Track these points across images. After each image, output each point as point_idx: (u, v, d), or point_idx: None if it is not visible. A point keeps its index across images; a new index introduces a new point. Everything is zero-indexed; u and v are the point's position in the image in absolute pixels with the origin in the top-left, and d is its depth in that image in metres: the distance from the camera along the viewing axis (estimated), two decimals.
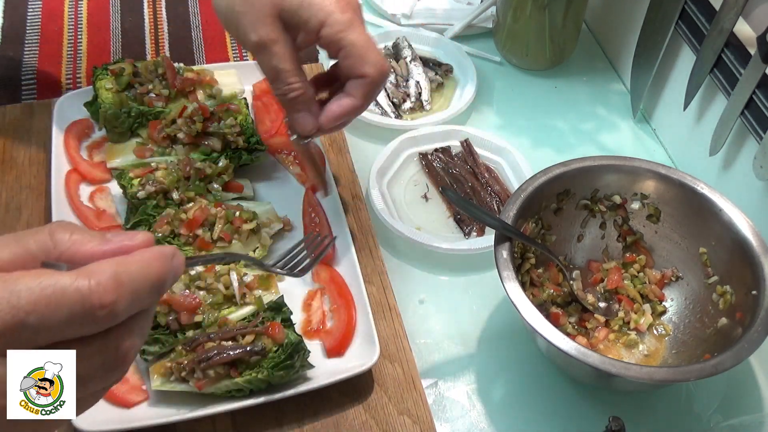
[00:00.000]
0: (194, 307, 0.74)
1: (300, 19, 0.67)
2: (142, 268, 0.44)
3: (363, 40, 0.68)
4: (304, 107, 0.72)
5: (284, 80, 0.70)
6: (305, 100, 0.72)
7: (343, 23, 0.67)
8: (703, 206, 0.78)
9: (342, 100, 0.72)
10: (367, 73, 0.69)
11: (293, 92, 0.71)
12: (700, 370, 0.65)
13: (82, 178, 0.90)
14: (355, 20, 0.68)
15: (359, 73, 0.69)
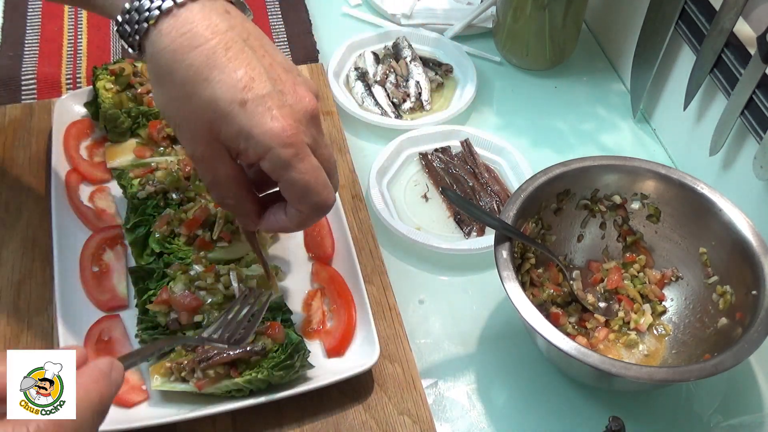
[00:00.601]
0: (194, 307, 0.74)
1: (238, 147, 0.61)
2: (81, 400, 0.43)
3: (303, 179, 0.61)
4: (241, 216, 0.70)
5: (218, 196, 0.67)
6: (241, 213, 0.69)
7: (282, 161, 0.60)
8: (703, 206, 0.78)
9: (279, 216, 0.67)
10: (302, 210, 0.65)
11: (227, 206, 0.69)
12: (700, 370, 0.65)
13: (82, 178, 0.89)
14: (299, 153, 0.61)
15: (295, 207, 0.65)
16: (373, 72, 1.09)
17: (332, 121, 0.99)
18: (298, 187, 0.62)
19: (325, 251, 0.84)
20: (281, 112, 0.60)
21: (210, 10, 0.60)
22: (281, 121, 0.60)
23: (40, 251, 0.83)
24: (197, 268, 0.77)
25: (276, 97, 0.60)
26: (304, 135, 0.61)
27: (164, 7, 0.59)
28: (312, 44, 1.13)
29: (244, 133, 0.59)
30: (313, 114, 0.63)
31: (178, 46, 0.58)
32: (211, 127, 0.60)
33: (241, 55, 0.60)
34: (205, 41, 0.59)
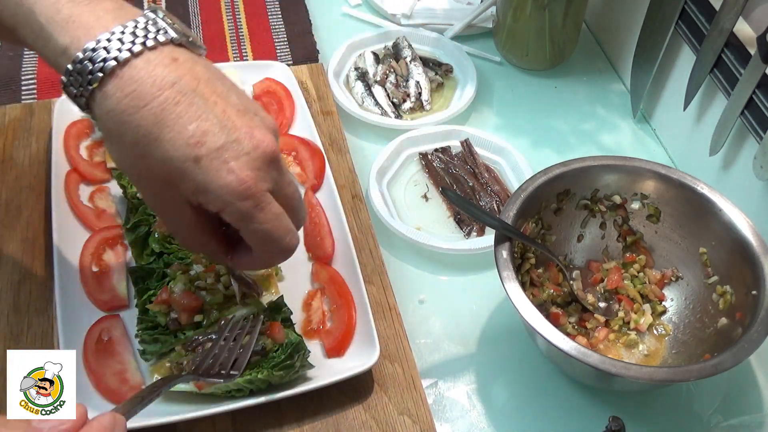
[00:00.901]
0: (194, 307, 0.74)
1: (196, 200, 0.59)
2: None
3: (263, 230, 0.60)
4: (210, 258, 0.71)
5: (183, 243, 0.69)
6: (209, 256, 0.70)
7: (242, 214, 0.59)
8: (703, 206, 0.78)
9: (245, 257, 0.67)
10: (262, 257, 0.65)
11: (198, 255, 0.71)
12: (700, 370, 0.65)
13: (82, 178, 0.89)
14: (259, 203, 0.59)
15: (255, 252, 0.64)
16: (373, 72, 1.09)
17: (332, 121, 0.99)
18: (259, 236, 0.61)
19: (325, 251, 0.84)
20: (237, 163, 0.58)
21: (155, 63, 0.56)
22: (237, 173, 0.58)
23: (40, 251, 0.83)
24: (197, 268, 0.77)
25: (231, 147, 0.58)
26: (264, 182, 0.59)
27: (107, 69, 0.55)
28: (312, 44, 1.14)
29: (201, 189, 0.58)
30: (272, 157, 0.60)
31: (124, 107, 0.55)
32: (169, 183, 0.58)
33: (191, 109, 0.57)
34: (152, 99, 0.55)
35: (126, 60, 0.55)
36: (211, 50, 1.12)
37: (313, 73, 1.05)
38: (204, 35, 1.14)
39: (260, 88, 1.01)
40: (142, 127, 0.56)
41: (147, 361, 0.74)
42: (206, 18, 1.17)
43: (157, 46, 0.57)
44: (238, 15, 1.18)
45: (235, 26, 1.16)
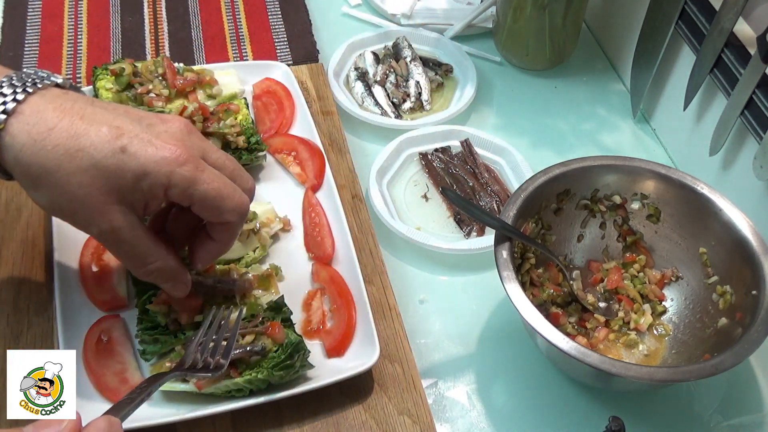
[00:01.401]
0: (194, 307, 0.74)
1: (142, 192, 0.61)
2: None
3: (213, 188, 0.63)
4: (171, 279, 0.69)
5: (140, 264, 0.66)
6: (169, 275, 0.68)
7: (186, 179, 0.61)
8: (703, 206, 0.78)
9: (210, 246, 0.69)
10: (227, 220, 0.66)
11: (153, 273, 0.67)
12: (700, 370, 0.65)
13: None
14: (200, 167, 0.62)
15: (219, 221, 0.66)
16: (373, 72, 1.09)
17: (332, 121, 0.99)
18: (211, 196, 0.63)
19: (325, 251, 0.84)
20: (160, 140, 0.61)
21: (50, 96, 0.60)
22: (166, 145, 0.61)
23: (40, 251, 0.83)
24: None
25: (147, 130, 0.62)
26: (192, 148, 0.63)
27: (8, 109, 0.58)
28: (312, 44, 1.14)
29: (139, 174, 0.60)
30: (188, 128, 0.64)
31: (36, 135, 0.58)
32: (107, 192, 0.60)
33: (97, 116, 0.60)
34: (59, 120, 0.59)
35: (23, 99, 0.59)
36: (211, 50, 1.12)
37: (313, 73, 1.05)
38: (204, 35, 1.14)
39: (260, 88, 1.01)
40: (60, 146, 0.58)
41: (147, 361, 0.74)
42: (206, 18, 1.17)
43: (46, 87, 0.61)
44: (238, 15, 1.18)
45: (235, 26, 1.16)
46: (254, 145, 0.91)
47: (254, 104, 1.00)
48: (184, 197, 0.62)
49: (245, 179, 0.69)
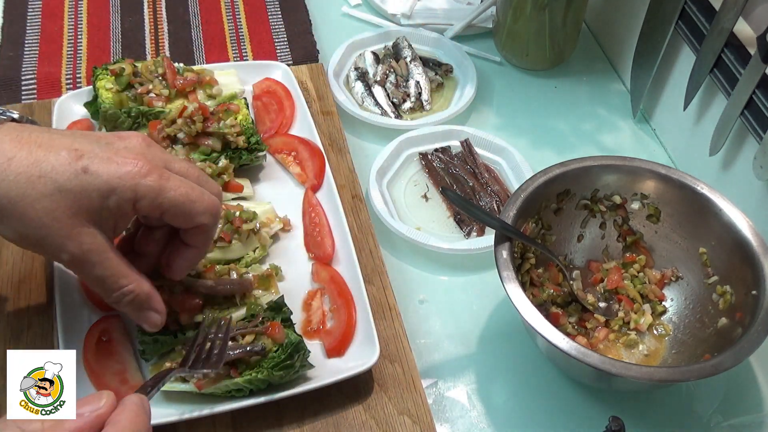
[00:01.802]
0: (194, 307, 0.73)
1: (109, 210, 0.61)
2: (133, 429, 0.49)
3: (181, 194, 0.63)
4: (145, 306, 0.67)
5: (113, 288, 0.64)
6: (143, 300, 0.66)
7: (154, 189, 0.61)
8: (703, 206, 0.78)
9: (186, 253, 0.69)
10: (202, 223, 0.66)
11: (127, 297, 0.65)
12: (700, 370, 0.65)
13: None
14: (164, 176, 0.62)
15: (192, 225, 0.66)
16: (373, 72, 1.09)
17: (332, 121, 0.99)
18: (180, 201, 0.63)
19: (325, 251, 0.84)
20: (121, 155, 0.61)
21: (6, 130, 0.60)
22: (127, 160, 0.61)
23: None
24: (197, 268, 0.77)
25: (107, 148, 0.62)
26: (154, 159, 0.63)
27: None
28: (312, 44, 1.14)
29: (105, 192, 0.60)
30: (147, 141, 0.65)
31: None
32: (74, 215, 0.59)
33: (54, 142, 0.60)
34: (18, 149, 0.59)
35: None
36: (211, 50, 1.12)
37: (313, 73, 1.05)
38: (204, 35, 1.14)
39: (260, 88, 1.01)
40: (21, 174, 0.58)
41: (147, 361, 0.74)
42: (206, 18, 1.17)
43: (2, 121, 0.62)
44: (238, 15, 1.18)
45: (235, 26, 1.16)
46: (254, 145, 0.91)
47: (254, 104, 1.00)
48: (153, 208, 0.62)
49: (211, 184, 0.69)
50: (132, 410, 0.51)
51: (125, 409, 0.51)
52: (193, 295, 0.74)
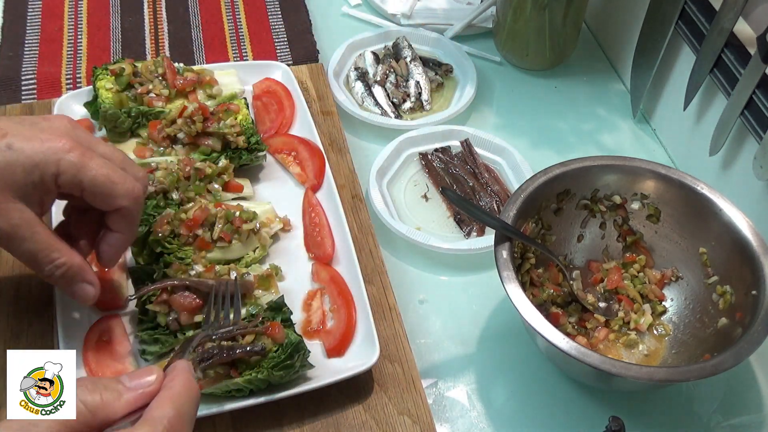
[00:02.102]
0: (194, 307, 0.74)
1: (34, 185, 0.62)
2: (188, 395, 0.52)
3: (102, 174, 0.64)
4: (78, 278, 0.67)
5: (45, 261, 0.64)
6: (76, 272, 0.66)
7: (75, 164, 0.63)
8: (703, 206, 0.78)
9: (111, 239, 0.69)
10: (121, 205, 0.66)
11: (59, 269, 0.65)
12: (700, 370, 0.65)
13: None
14: (87, 154, 0.64)
15: (113, 207, 0.67)
16: (373, 72, 1.09)
17: (332, 121, 0.99)
18: (100, 182, 0.64)
19: (325, 251, 0.84)
20: (45, 133, 0.63)
21: None
22: (51, 137, 0.62)
23: None
24: (197, 268, 0.77)
25: (31, 126, 0.63)
26: (78, 139, 0.64)
27: None
28: (312, 44, 1.14)
29: (28, 167, 0.61)
30: (72, 123, 0.66)
31: None
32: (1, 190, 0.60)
33: None
34: None
35: None
36: (211, 50, 1.12)
37: (313, 73, 1.05)
38: (204, 35, 1.14)
39: (260, 88, 1.01)
40: None
41: (147, 361, 0.74)
42: (206, 18, 1.17)
43: None
44: (238, 15, 1.18)
45: (235, 26, 1.16)
46: (254, 145, 0.91)
47: (254, 104, 1.00)
48: (74, 185, 0.63)
49: (136, 169, 0.69)
50: (184, 375, 0.53)
51: (178, 374, 0.53)
52: (193, 295, 0.74)
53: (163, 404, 0.50)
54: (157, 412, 0.50)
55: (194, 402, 0.53)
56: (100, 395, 0.49)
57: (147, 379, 0.52)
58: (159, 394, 0.51)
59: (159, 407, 0.50)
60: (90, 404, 0.49)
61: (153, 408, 0.50)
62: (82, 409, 0.48)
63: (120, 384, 0.51)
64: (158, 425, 0.48)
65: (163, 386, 0.52)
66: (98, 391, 0.50)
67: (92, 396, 0.49)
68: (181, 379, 0.53)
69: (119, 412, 0.50)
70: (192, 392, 0.53)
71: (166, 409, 0.50)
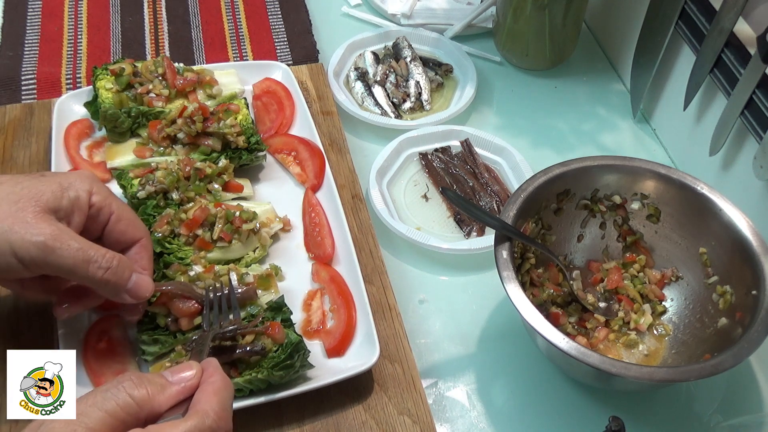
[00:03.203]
0: (193, 312, 0.73)
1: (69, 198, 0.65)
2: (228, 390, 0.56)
3: (126, 207, 0.70)
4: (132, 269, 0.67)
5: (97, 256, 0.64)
6: (127, 264, 0.67)
7: (107, 190, 0.69)
8: (703, 206, 0.78)
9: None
10: (142, 236, 0.70)
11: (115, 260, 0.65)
12: (700, 370, 0.65)
13: None
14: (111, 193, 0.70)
15: (134, 237, 0.70)
16: (373, 72, 1.09)
17: (332, 121, 0.99)
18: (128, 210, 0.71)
19: (325, 251, 0.84)
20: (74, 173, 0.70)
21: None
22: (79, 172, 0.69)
23: None
24: (197, 268, 0.77)
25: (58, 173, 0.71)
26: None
27: None
28: (312, 44, 1.14)
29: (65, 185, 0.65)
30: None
31: None
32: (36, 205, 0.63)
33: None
34: None
35: None
36: (211, 50, 1.12)
37: (313, 73, 1.05)
38: (204, 35, 1.14)
39: (260, 88, 1.01)
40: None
41: (147, 361, 0.74)
42: (206, 18, 1.17)
43: None
44: (238, 15, 1.18)
45: (235, 26, 1.16)
46: (254, 145, 0.91)
47: (254, 104, 1.00)
48: (105, 204, 0.67)
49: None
50: (220, 371, 0.57)
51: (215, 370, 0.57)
52: (192, 300, 0.74)
53: (209, 398, 0.54)
54: (205, 405, 0.53)
55: (232, 396, 0.57)
56: (146, 389, 0.52)
57: (188, 374, 0.56)
58: (202, 388, 0.55)
59: (206, 401, 0.53)
60: (137, 398, 0.51)
61: (200, 401, 0.54)
62: (129, 402, 0.51)
63: (163, 379, 0.55)
64: (206, 417, 0.52)
65: (203, 381, 0.56)
66: (144, 386, 0.52)
67: (139, 390, 0.52)
68: (220, 375, 0.56)
69: (164, 405, 0.53)
70: (230, 387, 0.57)
71: (213, 403, 0.53)
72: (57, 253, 0.62)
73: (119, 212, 0.69)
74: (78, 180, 0.66)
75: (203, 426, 0.52)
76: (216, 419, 0.53)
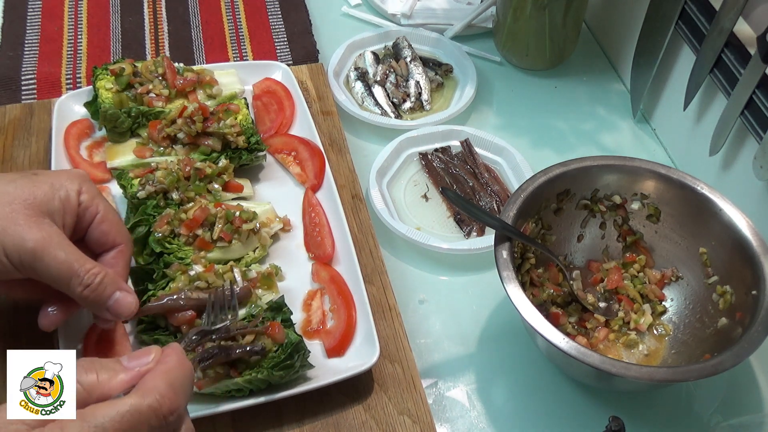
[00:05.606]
0: (189, 320, 0.73)
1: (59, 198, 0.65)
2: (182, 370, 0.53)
3: (113, 210, 0.71)
4: (115, 287, 0.67)
5: (81, 271, 0.64)
6: (112, 279, 0.66)
7: (95, 190, 0.69)
8: (703, 206, 0.78)
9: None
10: (122, 242, 0.70)
11: (97, 277, 0.65)
12: (700, 370, 0.65)
13: None
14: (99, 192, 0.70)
15: (114, 241, 0.69)
16: (373, 72, 1.09)
17: (332, 121, 0.99)
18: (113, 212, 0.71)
19: (325, 251, 0.84)
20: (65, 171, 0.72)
21: None
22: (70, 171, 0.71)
23: None
24: (197, 268, 0.77)
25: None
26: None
27: None
28: (312, 44, 1.14)
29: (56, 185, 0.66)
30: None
31: None
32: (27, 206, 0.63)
33: None
34: None
35: None
36: (211, 50, 1.12)
37: (313, 73, 1.05)
38: (204, 35, 1.14)
39: (260, 88, 1.01)
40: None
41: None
42: (206, 18, 1.17)
43: None
44: (238, 15, 1.18)
45: (235, 26, 1.16)
46: (254, 145, 0.91)
47: (254, 104, 1.00)
48: (93, 204, 0.68)
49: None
50: (177, 352, 0.55)
51: (171, 351, 0.54)
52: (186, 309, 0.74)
53: (155, 377, 0.51)
54: (149, 383, 0.51)
55: (187, 377, 0.54)
56: (96, 374, 0.50)
57: (144, 359, 0.53)
58: (153, 369, 0.53)
59: (152, 380, 0.51)
60: (86, 383, 0.50)
61: (146, 380, 0.51)
62: (78, 388, 0.49)
63: (118, 364, 0.53)
64: (147, 396, 0.49)
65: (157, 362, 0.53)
66: (94, 371, 0.51)
67: (88, 375, 0.50)
68: (174, 356, 0.54)
69: (116, 389, 0.51)
70: (185, 368, 0.54)
71: (158, 382, 0.51)
72: (44, 261, 0.62)
73: (104, 213, 0.69)
74: (68, 179, 0.67)
75: (141, 405, 0.49)
76: (159, 398, 0.50)
